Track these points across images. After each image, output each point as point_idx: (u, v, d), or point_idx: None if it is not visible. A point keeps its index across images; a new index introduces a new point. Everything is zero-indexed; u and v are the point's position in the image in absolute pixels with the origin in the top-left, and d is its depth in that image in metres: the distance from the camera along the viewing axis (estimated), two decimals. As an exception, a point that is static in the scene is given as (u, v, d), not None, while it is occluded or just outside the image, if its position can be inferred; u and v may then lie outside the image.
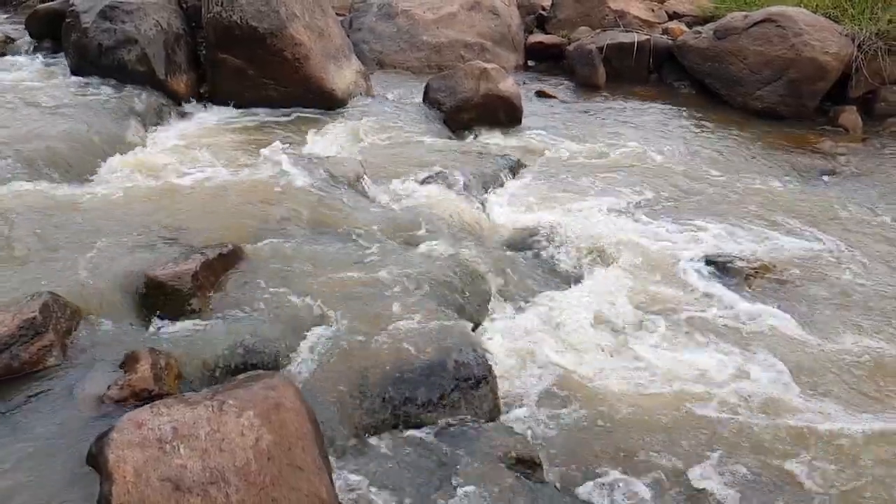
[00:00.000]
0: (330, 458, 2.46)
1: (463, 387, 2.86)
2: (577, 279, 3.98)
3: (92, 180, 4.48)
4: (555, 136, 6.28)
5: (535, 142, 6.13)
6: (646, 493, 2.61)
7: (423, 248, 3.89)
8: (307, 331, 3.07)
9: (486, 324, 3.52)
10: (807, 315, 3.77)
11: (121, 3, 6.05)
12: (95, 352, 2.83)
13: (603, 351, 3.39)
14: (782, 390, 3.17)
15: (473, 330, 3.33)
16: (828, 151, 6.43)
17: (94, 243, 3.56)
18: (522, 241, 4.25)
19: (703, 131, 6.75)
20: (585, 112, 7.19)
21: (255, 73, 6.01)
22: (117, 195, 4.15)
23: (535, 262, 4.08)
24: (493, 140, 6.20)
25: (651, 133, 6.54)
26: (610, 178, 5.36)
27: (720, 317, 3.72)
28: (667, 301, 3.82)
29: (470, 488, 2.50)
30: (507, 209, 4.74)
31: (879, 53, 7.19)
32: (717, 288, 3.98)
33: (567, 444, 2.82)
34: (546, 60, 8.96)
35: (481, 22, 8.71)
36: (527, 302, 3.76)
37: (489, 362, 3.00)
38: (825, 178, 5.86)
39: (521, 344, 3.38)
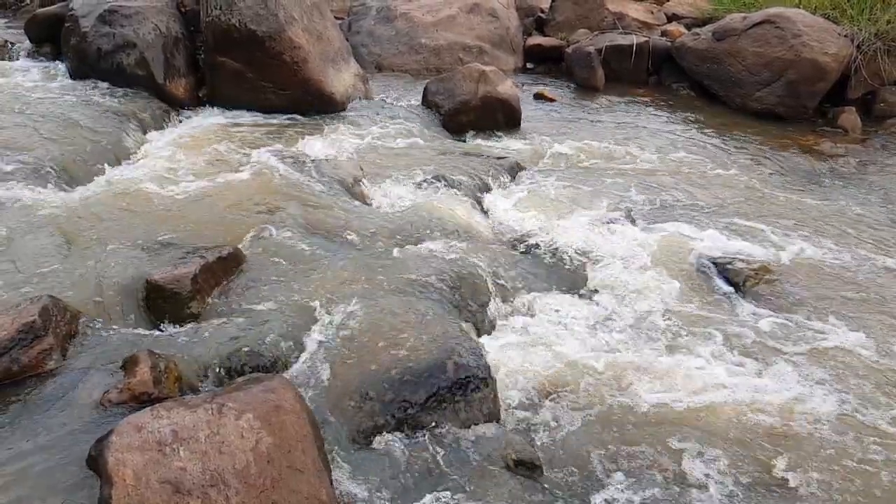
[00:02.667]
0: (329, 460, 2.46)
1: (463, 389, 2.85)
2: (577, 281, 3.98)
3: (91, 184, 4.48)
4: (553, 138, 6.27)
5: (533, 144, 6.13)
6: (647, 495, 2.60)
7: (421, 250, 3.89)
8: (306, 333, 3.07)
9: (485, 326, 3.52)
10: (807, 316, 3.76)
11: (120, 7, 6.06)
12: (95, 355, 2.83)
13: (604, 353, 3.39)
14: (782, 390, 3.17)
15: (473, 332, 3.33)
16: (827, 152, 6.42)
17: (93, 247, 3.57)
18: (521, 244, 4.25)
19: (701, 133, 6.75)
20: (584, 114, 7.19)
21: (253, 77, 6.01)
22: (116, 199, 4.15)
23: (533, 265, 4.08)
24: (491, 142, 6.20)
25: (650, 135, 6.54)
26: (609, 180, 5.36)
27: (720, 317, 3.72)
28: (668, 301, 3.81)
29: (469, 490, 2.50)
30: (505, 212, 4.74)
31: (878, 54, 7.19)
32: (717, 288, 3.99)
33: (567, 446, 2.82)
34: (545, 63, 8.96)
35: (480, 24, 8.72)
36: (526, 304, 3.76)
37: (489, 364, 3.00)
38: (824, 179, 5.86)
39: (520, 346, 3.38)
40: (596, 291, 3.90)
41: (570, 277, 4.01)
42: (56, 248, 3.54)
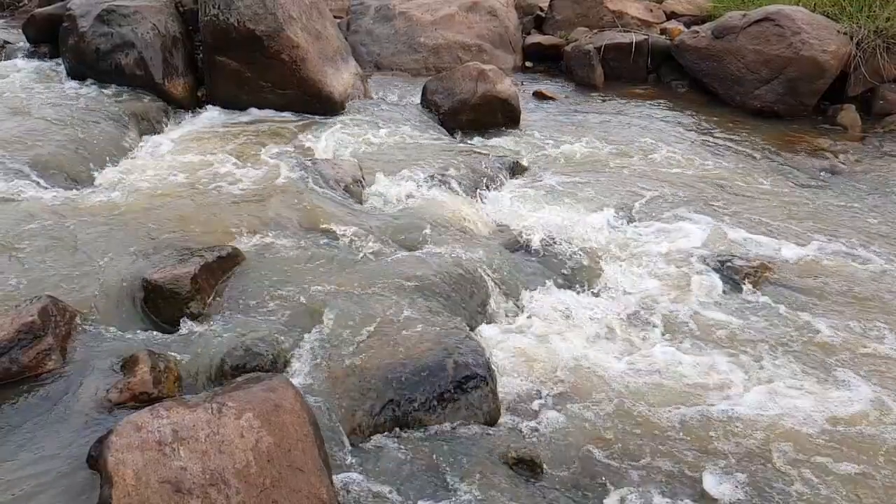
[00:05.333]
0: (330, 459, 2.45)
1: (463, 388, 2.85)
2: (577, 280, 3.98)
3: (90, 185, 4.49)
4: (553, 136, 6.27)
5: (533, 143, 6.12)
6: (647, 494, 2.60)
7: (421, 249, 3.88)
8: (306, 332, 3.07)
9: (485, 325, 3.52)
10: (807, 314, 3.76)
11: (118, 6, 6.05)
12: (95, 355, 2.84)
13: (604, 351, 3.38)
14: (779, 386, 3.17)
15: (473, 331, 3.32)
16: (827, 150, 6.42)
17: (92, 247, 3.57)
18: (521, 243, 4.24)
19: (701, 131, 6.75)
20: (583, 113, 7.18)
21: (252, 76, 6.01)
22: (115, 199, 4.15)
23: (533, 264, 4.08)
24: (490, 141, 6.19)
25: (649, 133, 6.53)
26: (609, 178, 5.36)
27: (718, 315, 3.72)
28: (667, 299, 3.81)
29: (470, 489, 2.50)
30: (505, 210, 4.73)
31: (878, 51, 7.18)
32: (716, 286, 3.98)
33: (568, 445, 2.81)
34: (544, 61, 8.95)
35: (479, 23, 8.71)
36: (526, 303, 3.76)
37: (489, 363, 2.99)
38: (824, 176, 5.85)
39: (521, 345, 3.38)
40: (596, 290, 3.90)
41: (570, 276, 4.01)
42: (55, 248, 3.54)
